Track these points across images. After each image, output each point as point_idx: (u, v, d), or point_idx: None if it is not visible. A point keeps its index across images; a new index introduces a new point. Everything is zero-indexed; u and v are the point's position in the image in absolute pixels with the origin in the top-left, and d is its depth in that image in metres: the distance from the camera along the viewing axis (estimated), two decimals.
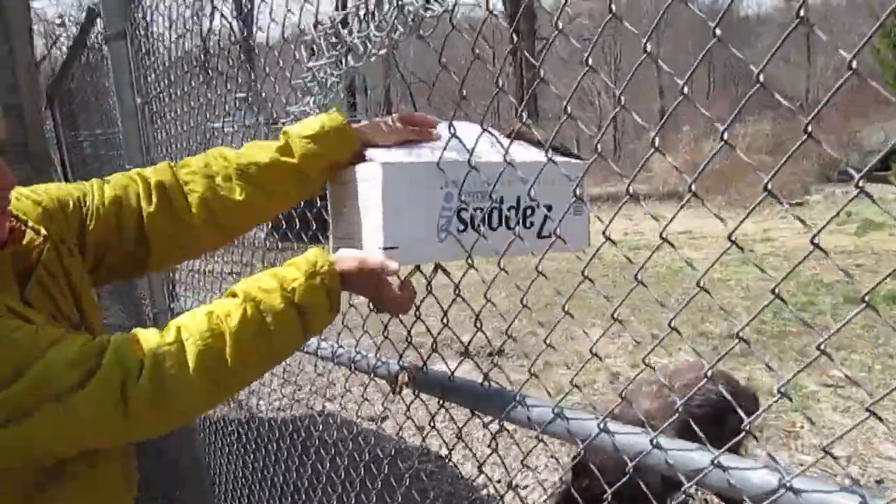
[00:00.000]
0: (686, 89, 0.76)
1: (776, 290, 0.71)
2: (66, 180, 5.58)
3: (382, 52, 1.14)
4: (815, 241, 0.66)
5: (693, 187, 0.77)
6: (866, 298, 0.63)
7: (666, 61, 0.85)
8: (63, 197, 1.20)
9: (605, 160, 1.00)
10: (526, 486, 3.77)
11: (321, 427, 1.74)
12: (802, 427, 4.25)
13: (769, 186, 0.68)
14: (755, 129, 19.17)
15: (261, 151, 1.24)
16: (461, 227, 1.17)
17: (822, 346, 0.68)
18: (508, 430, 1.16)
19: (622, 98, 0.86)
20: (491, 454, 1.17)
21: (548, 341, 1.06)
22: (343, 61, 1.19)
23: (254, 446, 2.37)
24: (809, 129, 0.64)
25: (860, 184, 0.58)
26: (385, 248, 1.11)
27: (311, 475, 1.91)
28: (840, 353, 5.45)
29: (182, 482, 3.24)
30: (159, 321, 3.00)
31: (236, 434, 2.51)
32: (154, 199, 1.23)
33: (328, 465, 1.73)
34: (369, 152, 1.19)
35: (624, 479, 0.94)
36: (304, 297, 1.04)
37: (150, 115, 2.70)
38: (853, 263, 8.47)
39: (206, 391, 0.97)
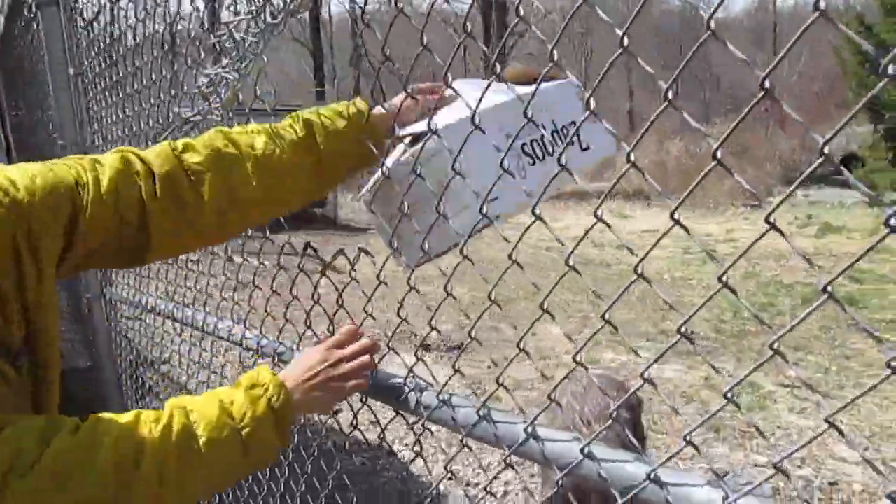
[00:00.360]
0: (671, 94, 0.65)
1: (724, 278, 0.60)
2: (10, 160, 5.32)
3: (303, 10, 1.02)
4: (771, 219, 0.55)
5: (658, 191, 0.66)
6: (828, 289, 0.53)
7: (631, 63, 0.74)
8: (47, 186, 0.95)
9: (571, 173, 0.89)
10: (477, 484, 3.68)
11: None
12: (757, 428, 4.21)
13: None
14: (721, 130, 19.33)
15: (276, 140, 1.10)
16: (531, 162, 1.15)
17: (776, 346, 0.58)
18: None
19: (591, 101, 0.76)
20: (416, 457, 1.05)
21: (521, 344, 0.95)
22: (261, 19, 1.06)
23: None
24: (719, 154, 0.62)
25: (771, 219, 0.49)
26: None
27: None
28: (797, 353, 5.45)
29: None
30: (93, 308, 2.84)
31: None
32: (160, 194, 1.03)
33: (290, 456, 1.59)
34: (406, 129, 1.12)
35: None
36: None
37: (83, 87, 2.53)
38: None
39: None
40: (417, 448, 1.05)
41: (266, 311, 1.39)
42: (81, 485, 0.80)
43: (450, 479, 1.11)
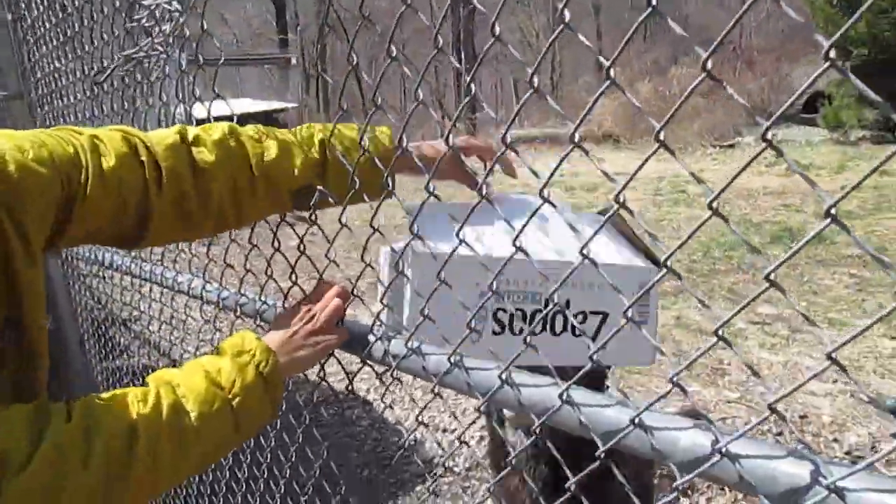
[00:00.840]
0: (612, 72, 0.58)
1: (714, 205, 0.55)
2: None
3: None
4: (768, 136, 0.50)
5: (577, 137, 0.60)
6: (832, 211, 0.48)
7: (602, 5, 0.66)
8: (41, 161, 0.85)
9: (545, 99, 0.81)
10: (454, 430, 3.68)
11: None
12: (730, 364, 4.26)
13: (661, 136, 0.60)
14: (689, 72, 19.24)
15: (288, 154, 1.04)
16: (497, 329, 0.99)
17: (772, 276, 0.53)
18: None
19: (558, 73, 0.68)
20: (385, 409, 1.00)
21: (493, 286, 0.89)
22: None
23: None
24: (709, 65, 0.53)
25: (769, 136, 0.52)
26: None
27: None
28: (767, 291, 5.50)
29: None
30: (48, 265, 2.74)
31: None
32: (165, 189, 0.97)
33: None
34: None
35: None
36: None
37: (22, 35, 2.38)
38: (781, 203, 8.60)
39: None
40: (388, 399, 1.00)
41: (245, 267, 1.30)
42: (77, 480, 0.76)
43: (424, 426, 1.07)
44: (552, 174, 0.70)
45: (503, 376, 0.79)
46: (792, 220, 7.70)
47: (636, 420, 0.65)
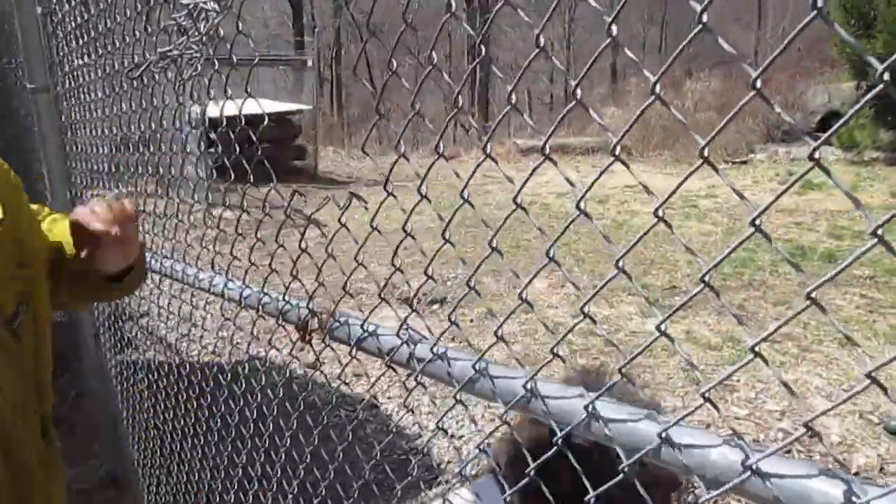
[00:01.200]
0: (579, 92, 0.59)
1: (757, 222, 0.55)
2: None
3: None
4: (816, 156, 0.50)
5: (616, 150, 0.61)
6: (878, 232, 0.49)
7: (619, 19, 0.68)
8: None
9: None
10: (462, 437, 3.68)
11: (249, 373, 1.56)
12: (739, 380, 4.25)
13: (706, 153, 0.59)
14: (704, 86, 19.22)
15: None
16: None
17: (813, 294, 0.53)
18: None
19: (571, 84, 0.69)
20: (407, 413, 1.01)
21: (524, 294, 0.90)
22: None
23: (167, 393, 2.18)
24: (758, 84, 0.54)
25: (816, 155, 0.50)
26: None
27: (238, 422, 1.72)
28: (777, 308, 5.49)
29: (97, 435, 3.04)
30: None
31: (157, 380, 2.31)
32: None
33: (255, 413, 1.55)
34: None
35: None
36: None
37: (52, 28, 2.40)
38: (793, 221, 8.57)
39: None
40: (411, 402, 1.01)
41: (250, 260, 1.33)
42: None
43: (444, 432, 1.07)
44: (589, 188, 0.71)
45: (528, 386, 0.79)
46: (804, 238, 7.67)
47: (663, 434, 0.65)
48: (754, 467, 0.58)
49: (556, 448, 0.78)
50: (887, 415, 3.74)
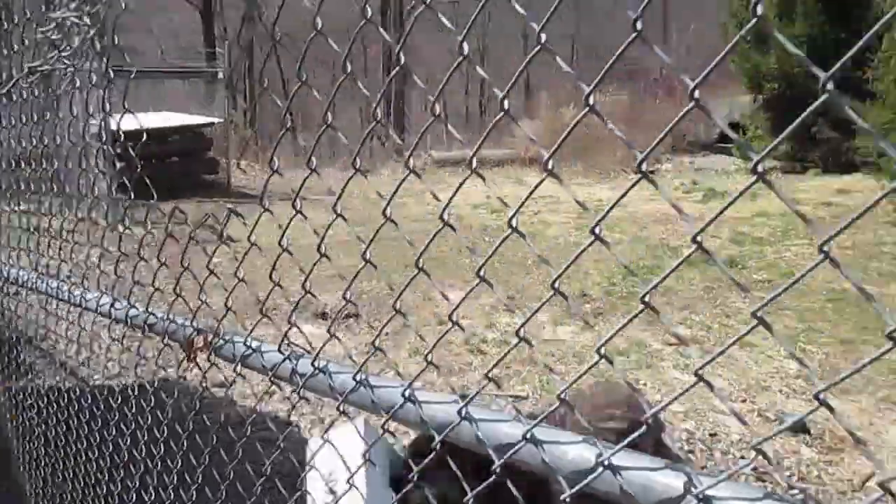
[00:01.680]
0: (506, 103, 0.61)
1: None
2: None
3: None
4: (759, 168, 0.53)
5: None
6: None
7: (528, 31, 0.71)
8: None
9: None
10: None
11: (156, 392, 1.50)
12: (645, 385, 4.39)
13: (644, 167, 0.64)
14: (614, 99, 19.85)
15: None
16: None
17: (647, 298, 0.57)
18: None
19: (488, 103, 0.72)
20: (292, 428, 1.00)
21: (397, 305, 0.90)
22: None
23: (79, 420, 2.08)
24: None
25: (643, 168, 0.56)
26: None
27: (146, 443, 1.64)
28: (682, 312, 5.71)
29: None
30: None
31: (46, 406, 2.20)
32: None
33: (165, 432, 1.49)
34: None
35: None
36: None
37: None
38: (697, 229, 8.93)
39: None
40: (295, 417, 1.00)
41: (153, 285, 1.28)
42: None
43: (331, 445, 1.07)
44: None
45: (406, 394, 0.80)
46: (707, 244, 7.91)
47: (528, 435, 0.68)
48: (606, 462, 0.61)
49: (434, 453, 0.79)
50: (783, 412, 3.94)
